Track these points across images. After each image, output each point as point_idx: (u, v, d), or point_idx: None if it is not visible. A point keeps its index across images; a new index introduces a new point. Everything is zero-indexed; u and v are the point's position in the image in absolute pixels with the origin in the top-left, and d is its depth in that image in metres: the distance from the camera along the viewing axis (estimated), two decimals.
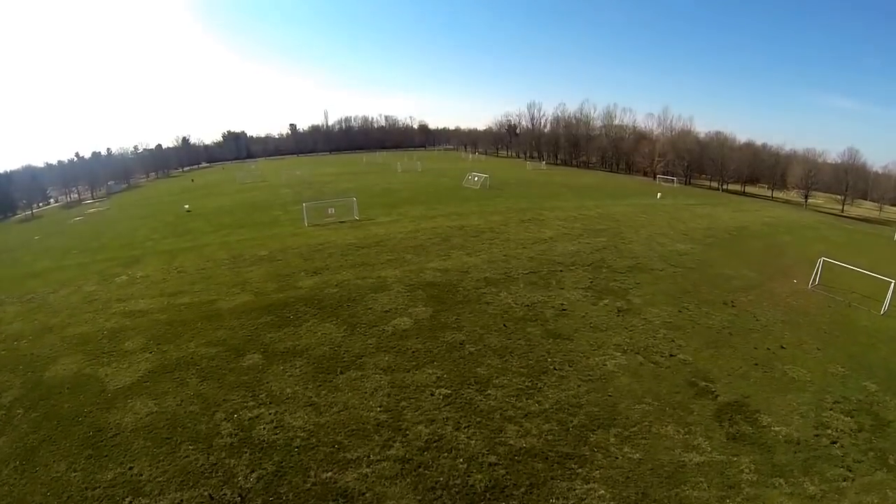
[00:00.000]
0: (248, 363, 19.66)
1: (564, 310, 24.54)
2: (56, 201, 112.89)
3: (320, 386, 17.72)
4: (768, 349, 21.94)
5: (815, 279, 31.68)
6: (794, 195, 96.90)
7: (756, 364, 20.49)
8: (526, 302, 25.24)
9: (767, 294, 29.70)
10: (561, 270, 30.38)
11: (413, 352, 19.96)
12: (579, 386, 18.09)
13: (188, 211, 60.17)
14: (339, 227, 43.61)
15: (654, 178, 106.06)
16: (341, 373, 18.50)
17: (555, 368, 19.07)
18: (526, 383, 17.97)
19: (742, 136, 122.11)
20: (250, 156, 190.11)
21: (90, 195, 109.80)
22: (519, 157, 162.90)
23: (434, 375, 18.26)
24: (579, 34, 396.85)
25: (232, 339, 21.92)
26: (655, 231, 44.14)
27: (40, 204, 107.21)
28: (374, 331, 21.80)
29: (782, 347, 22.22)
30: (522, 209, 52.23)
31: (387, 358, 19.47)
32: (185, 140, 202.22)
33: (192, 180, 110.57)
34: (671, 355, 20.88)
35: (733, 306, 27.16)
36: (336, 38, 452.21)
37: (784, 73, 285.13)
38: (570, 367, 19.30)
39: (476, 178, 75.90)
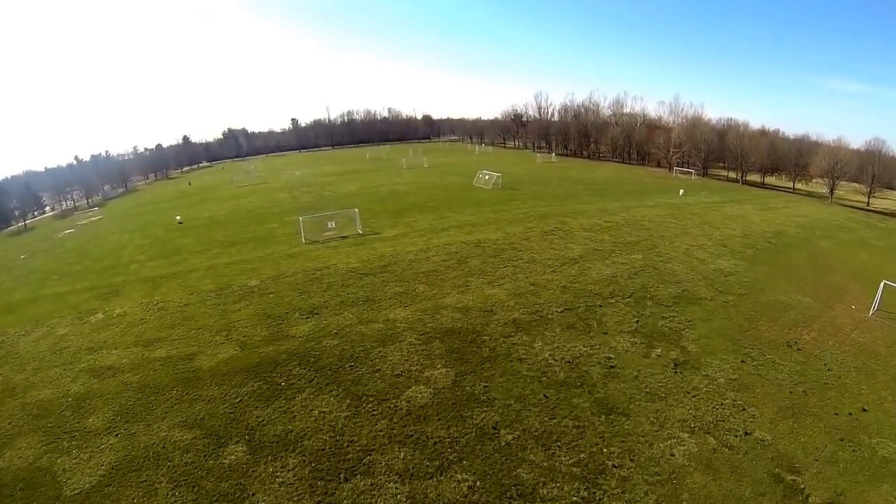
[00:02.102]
0: (229, 459, 15.86)
1: (612, 367, 20.50)
2: (53, 209, 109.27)
3: (320, 502, 13.87)
4: (850, 414, 18.76)
5: (874, 305, 28.34)
6: (816, 185, 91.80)
7: (841, 440, 17.23)
8: (566, 356, 21.18)
9: (829, 327, 26.40)
10: (600, 305, 26.24)
11: (435, 443, 15.98)
12: (647, 493, 14.16)
13: (180, 223, 56.36)
14: (340, 244, 39.55)
15: (671, 169, 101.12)
16: (346, 479, 14.62)
17: (614, 466, 15.09)
18: (582, 492, 14.03)
19: (754, 123, 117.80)
20: (250, 153, 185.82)
21: (86, 202, 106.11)
22: (526, 147, 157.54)
23: (465, 484, 14.31)
24: (584, 23, 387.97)
25: (211, 417, 18.13)
26: (691, 242, 39.79)
27: (35, 213, 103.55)
28: (385, 408, 17.81)
29: (864, 410, 19.01)
30: (542, 216, 47.85)
31: (402, 454, 15.51)
32: (185, 139, 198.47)
33: (189, 184, 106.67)
34: (746, 433, 17.09)
35: (798, 349, 23.67)
36: (339, 29, 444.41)
37: (788, 57, 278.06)
38: (631, 461, 15.32)
39: (487, 177, 71.40)
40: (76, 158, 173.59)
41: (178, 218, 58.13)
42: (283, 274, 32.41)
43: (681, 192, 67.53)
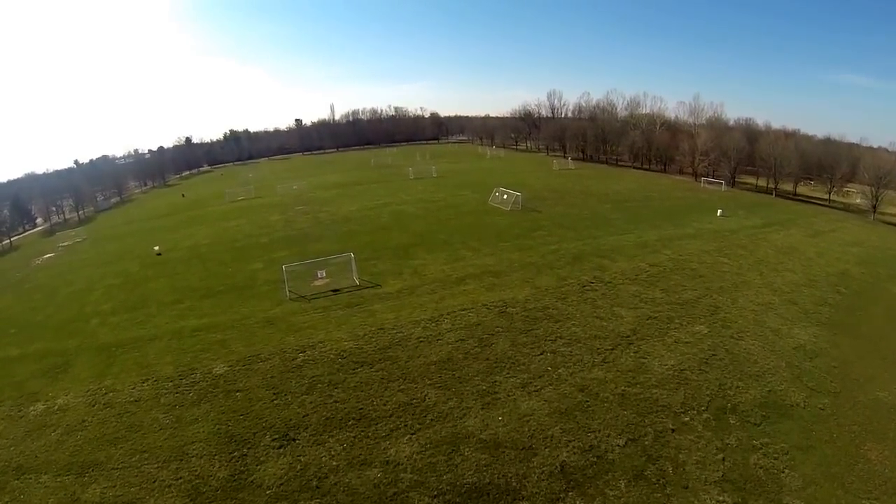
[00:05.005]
0: None
1: None
2: (45, 220, 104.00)
3: None
4: None
5: None
6: (849, 196, 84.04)
7: None
8: None
9: None
10: (672, 429, 19.54)
11: None
12: None
13: (158, 254, 50.62)
14: (331, 303, 33.13)
15: (696, 178, 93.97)
16: None
17: None
18: None
19: (773, 123, 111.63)
20: (253, 155, 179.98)
21: (76, 215, 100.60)
22: (539, 150, 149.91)
23: None
24: (588, 23, 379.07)
25: None
26: (756, 298, 33.03)
27: (26, 226, 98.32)
28: None
29: None
30: (576, 257, 41.08)
31: None
32: (187, 140, 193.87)
33: (183, 195, 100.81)
34: None
35: None
36: (345, 27, 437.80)
37: (796, 53, 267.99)
38: None
39: (505, 196, 64.47)
40: (76, 163, 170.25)
41: (156, 248, 52.29)
42: (258, 356, 26.18)
43: (718, 212, 60.55)
